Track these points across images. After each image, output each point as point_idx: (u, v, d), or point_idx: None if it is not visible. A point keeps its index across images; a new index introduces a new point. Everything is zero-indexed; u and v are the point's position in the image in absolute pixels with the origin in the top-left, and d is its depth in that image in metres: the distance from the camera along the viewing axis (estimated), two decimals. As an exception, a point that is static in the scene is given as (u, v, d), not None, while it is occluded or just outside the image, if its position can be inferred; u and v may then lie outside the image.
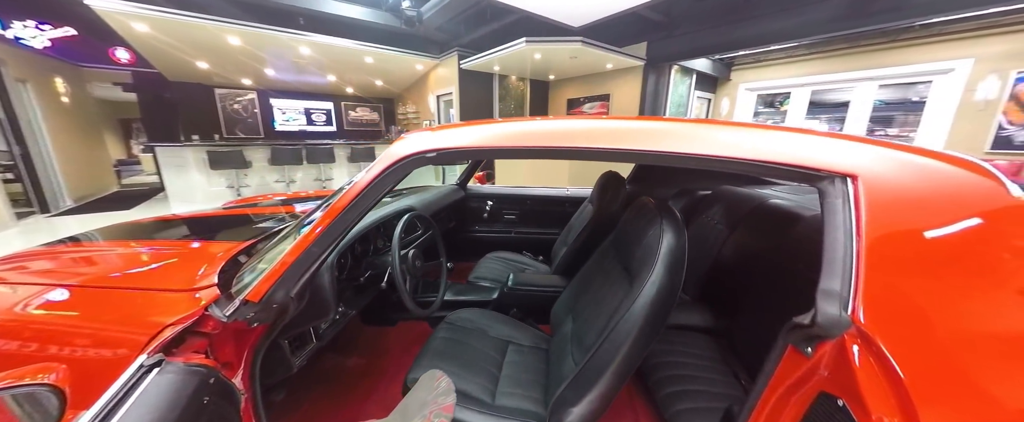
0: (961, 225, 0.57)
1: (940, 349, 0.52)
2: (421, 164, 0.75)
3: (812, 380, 0.61)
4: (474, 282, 1.73)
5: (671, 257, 0.78)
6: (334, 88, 8.26)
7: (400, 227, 1.07)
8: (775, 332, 1.09)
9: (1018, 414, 0.47)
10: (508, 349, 1.24)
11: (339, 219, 0.73)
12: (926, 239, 0.57)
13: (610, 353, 0.77)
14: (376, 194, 0.76)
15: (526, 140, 0.73)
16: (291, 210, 1.63)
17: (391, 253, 1.04)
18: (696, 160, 0.66)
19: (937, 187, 0.60)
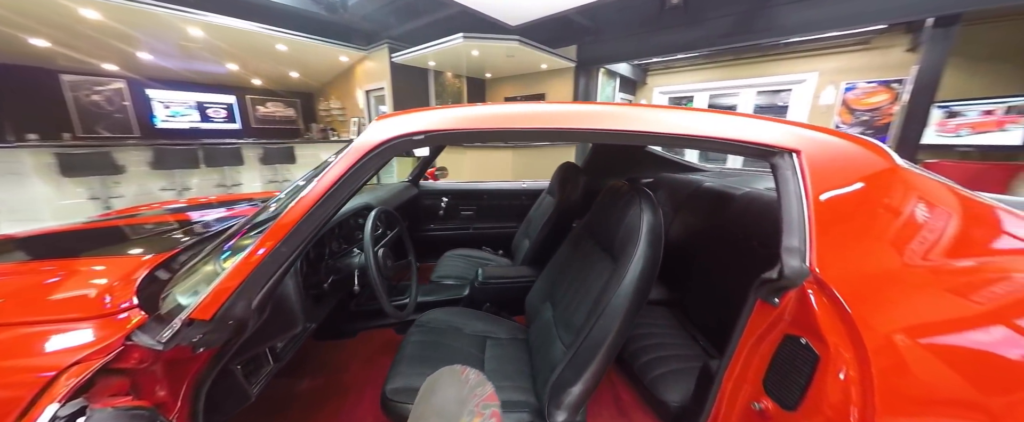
0: (863, 186, 0.72)
1: (866, 285, 0.65)
2: (406, 148, 0.69)
3: (778, 326, 0.72)
4: (438, 281, 1.65)
5: (652, 233, 0.84)
6: (237, 79, 7.11)
7: (371, 222, 0.96)
8: (721, 296, 1.27)
9: (917, 329, 0.61)
10: (486, 344, 1.21)
11: (311, 214, 0.63)
12: (846, 198, 0.71)
13: (604, 330, 0.80)
14: (354, 184, 0.67)
15: (518, 122, 0.72)
16: (184, 217, 1.35)
17: (364, 252, 0.93)
18: (679, 139, 0.73)
19: (851, 159, 0.75)
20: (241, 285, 0.58)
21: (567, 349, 0.90)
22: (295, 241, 0.62)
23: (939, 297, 0.65)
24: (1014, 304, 0.62)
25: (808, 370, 0.66)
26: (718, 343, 1.23)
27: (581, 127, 0.71)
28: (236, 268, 0.59)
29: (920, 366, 0.60)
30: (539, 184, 2.19)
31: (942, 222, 0.72)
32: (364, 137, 0.69)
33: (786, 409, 0.69)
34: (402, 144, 0.68)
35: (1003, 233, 0.75)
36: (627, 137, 0.72)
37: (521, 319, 1.61)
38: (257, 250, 0.60)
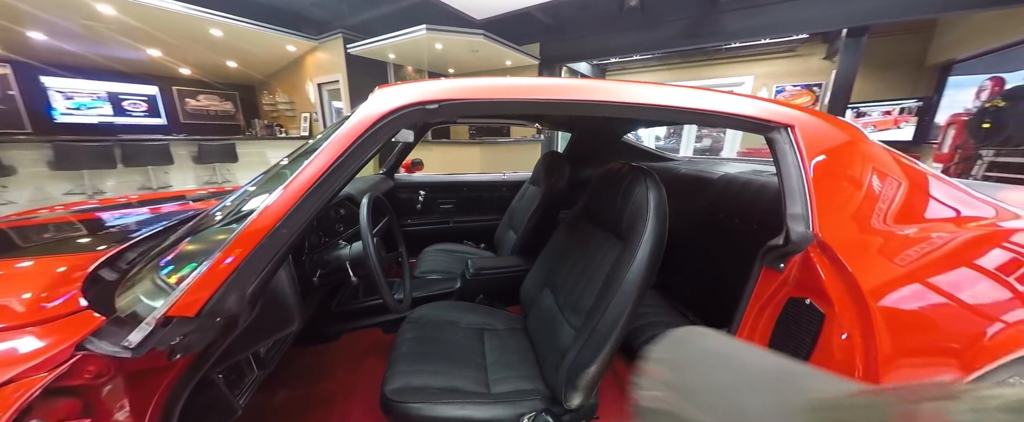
0: (846, 158, 0.79)
1: (856, 246, 0.71)
2: (418, 119, 0.63)
3: (782, 290, 0.76)
4: (424, 277, 1.56)
5: (660, 210, 0.85)
6: (160, 67, 6.25)
7: (367, 208, 0.87)
8: (707, 273, 1.34)
9: (897, 282, 0.68)
10: (484, 336, 1.17)
11: (315, 190, 0.55)
12: (834, 169, 0.77)
13: (619, 308, 0.80)
14: (359, 158, 0.60)
15: (541, 94, 0.69)
16: (91, 216, 1.15)
17: (362, 240, 0.83)
18: (697, 114, 0.74)
19: (833, 134, 0.81)
20: (235, 272, 0.49)
21: (579, 332, 0.88)
22: (296, 221, 0.53)
23: (911, 254, 0.72)
24: (963, 253, 0.72)
25: (814, 328, 0.70)
26: (706, 318, 1.29)
27: (605, 100, 0.70)
28: (228, 252, 0.50)
29: (905, 316, 0.67)
30: (520, 175, 2.17)
31: (909, 189, 0.81)
32: (370, 106, 0.62)
33: (794, 367, 0.73)
34: (414, 113, 0.62)
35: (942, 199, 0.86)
36: (649, 111, 0.72)
37: (515, 309, 1.58)
38: (253, 231, 0.51)
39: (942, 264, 0.69)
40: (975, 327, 0.67)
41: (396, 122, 0.61)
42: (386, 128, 0.61)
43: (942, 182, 0.86)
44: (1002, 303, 0.68)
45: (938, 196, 0.83)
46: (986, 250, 0.73)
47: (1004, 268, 0.70)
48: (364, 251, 0.81)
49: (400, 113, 0.61)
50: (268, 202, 0.53)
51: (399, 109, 0.61)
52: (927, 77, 5.18)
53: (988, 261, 0.71)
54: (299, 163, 0.57)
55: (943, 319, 0.67)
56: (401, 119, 0.61)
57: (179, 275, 0.55)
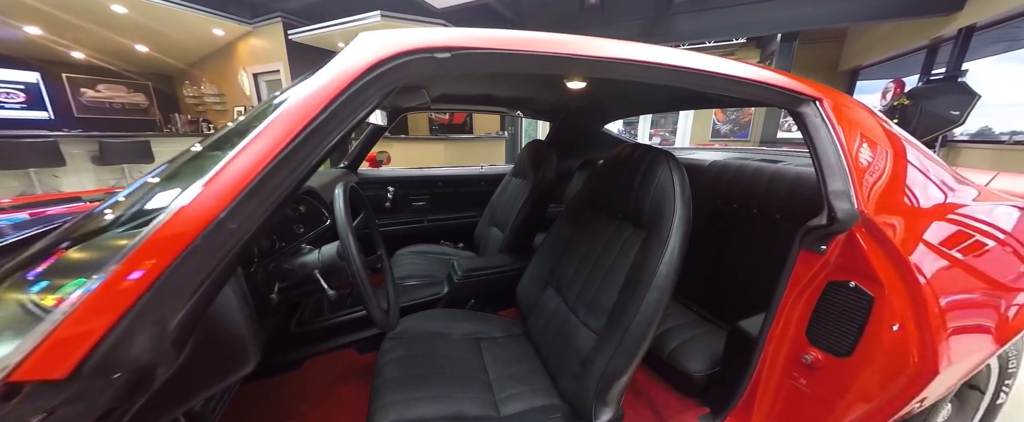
0: (872, 132, 0.77)
1: (899, 223, 0.68)
2: (423, 71, 0.47)
3: (822, 274, 0.71)
4: (401, 283, 1.36)
5: (686, 193, 0.77)
6: (43, 49, 5.14)
7: (343, 198, 0.67)
8: (708, 260, 1.31)
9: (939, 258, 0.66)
10: (481, 346, 1.02)
11: (278, 170, 0.37)
12: (865, 142, 0.74)
13: (653, 305, 0.70)
14: (341, 123, 0.43)
15: (567, 49, 0.56)
16: None
17: (341, 239, 0.63)
18: (727, 80, 0.66)
19: (855, 108, 0.78)
20: (148, 295, 0.30)
21: (603, 335, 0.77)
22: (252, 213, 0.35)
23: (942, 229, 0.71)
24: (995, 231, 0.72)
25: (861, 313, 0.65)
26: (711, 307, 1.26)
27: (641, 60, 0.59)
28: (133, 263, 0.30)
29: (951, 295, 0.64)
30: (499, 168, 2.03)
31: (926, 164, 0.81)
32: (354, 52, 0.45)
33: (839, 356, 0.68)
34: (419, 63, 0.46)
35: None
36: (684, 76, 0.62)
37: (509, 313, 1.44)
38: (179, 231, 0.32)
39: (976, 243, 0.69)
40: (1004, 301, 0.67)
41: (393, 74, 0.45)
42: (379, 83, 0.44)
43: (937, 163, 0.87)
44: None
45: (942, 178, 0.83)
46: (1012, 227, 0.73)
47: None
48: (345, 254, 0.62)
49: (400, 61, 0.44)
50: (201, 189, 0.33)
51: (399, 56, 0.44)
52: (841, 81, 5.92)
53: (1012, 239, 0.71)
54: (244, 135, 0.38)
55: (983, 296, 0.66)
56: (400, 70, 0.45)
57: (59, 295, 0.35)
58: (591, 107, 1.64)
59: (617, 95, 1.39)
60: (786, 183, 1.11)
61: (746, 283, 1.15)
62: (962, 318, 0.64)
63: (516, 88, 1.41)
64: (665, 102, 1.41)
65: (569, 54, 0.54)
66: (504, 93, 1.48)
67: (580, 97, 1.52)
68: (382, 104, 0.47)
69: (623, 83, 1.24)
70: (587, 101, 1.57)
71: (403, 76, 0.45)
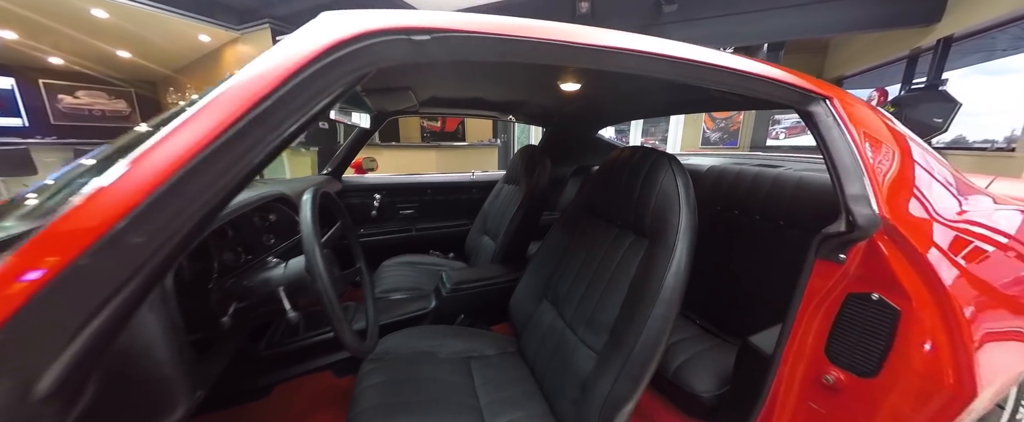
0: (880, 132, 0.72)
1: (921, 229, 0.63)
2: (397, 55, 0.40)
3: (840, 285, 0.65)
4: (385, 297, 1.27)
5: (691, 198, 0.71)
6: (18, 54, 4.97)
7: (311, 204, 0.59)
8: (707, 268, 1.25)
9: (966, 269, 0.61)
10: (471, 366, 0.93)
11: (218, 156, 0.30)
12: (876, 144, 0.69)
13: (661, 322, 0.63)
14: (303, 105, 0.35)
15: (562, 36, 0.50)
16: None
17: (307, 253, 0.55)
18: (733, 75, 0.61)
19: (864, 109, 0.74)
20: (13, 321, 0.22)
21: (605, 355, 0.70)
22: (168, 226, 0.27)
23: (966, 237, 0.66)
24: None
25: (887, 328, 0.59)
26: (715, 319, 1.20)
27: (637, 49, 0.53)
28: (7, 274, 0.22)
29: (982, 307, 0.59)
30: (491, 175, 1.96)
31: (938, 168, 0.77)
32: (311, 32, 0.38)
33: (863, 376, 0.62)
34: (393, 46, 0.39)
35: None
36: (682, 68, 0.57)
37: (502, 328, 1.36)
38: (72, 230, 0.24)
39: (1004, 252, 0.64)
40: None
41: (361, 58, 0.38)
42: (342, 68, 0.37)
43: (946, 167, 0.83)
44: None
45: (955, 182, 0.79)
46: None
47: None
48: (310, 268, 0.54)
49: (369, 43, 0.37)
50: (93, 192, 0.26)
51: (367, 36, 0.37)
52: (826, 90, 6.07)
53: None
54: (175, 120, 0.31)
55: (1015, 309, 0.60)
56: (369, 54, 0.38)
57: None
58: (585, 111, 1.59)
59: (612, 98, 1.34)
60: (789, 188, 1.06)
61: (752, 293, 1.09)
62: (997, 333, 0.58)
63: (508, 90, 1.36)
64: (662, 105, 1.36)
65: (568, 42, 0.48)
66: (495, 96, 1.43)
67: (574, 101, 1.47)
68: (349, 94, 0.40)
69: (619, 85, 1.20)
70: (581, 105, 1.53)
71: (373, 60, 0.39)
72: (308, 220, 0.57)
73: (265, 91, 0.32)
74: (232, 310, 0.59)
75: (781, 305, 0.94)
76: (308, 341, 1.01)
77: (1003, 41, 3.84)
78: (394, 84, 1.03)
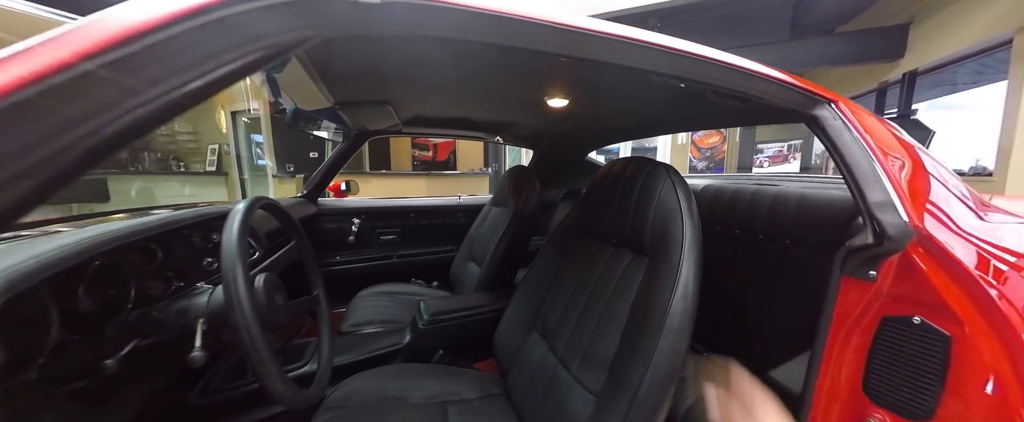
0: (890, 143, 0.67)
1: (957, 241, 0.55)
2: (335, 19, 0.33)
3: (873, 308, 0.56)
4: (355, 332, 1.13)
5: (694, 210, 0.64)
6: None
7: (242, 211, 0.48)
8: (714, 297, 1.15)
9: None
10: (449, 413, 0.79)
11: (45, 99, 0.21)
12: (887, 149, 0.63)
13: (671, 356, 0.53)
14: (200, 63, 0.27)
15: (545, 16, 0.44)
16: None
17: (223, 272, 0.43)
18: (737, 73, 0.55)
19: (865, 114, 0.69)
20: None
21: (603, 399, 0.59)
22: None
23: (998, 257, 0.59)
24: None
25: (937, 358, 0.50)
26: (722, 350, 1.07)
27: (634, 39, 0.47)
28: None
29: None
30: (478, 199, 1.88)
31: (949, 177, 0.71)
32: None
33: (915, 418, 0.51)
34: (325, 8, 0.32)
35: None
36: (683, 62, 0.51)
37: (487, 365, 1.21)
38: None
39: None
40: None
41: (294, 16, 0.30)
42: (269, 22, 0.29)
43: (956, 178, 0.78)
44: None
45: (967, 194, 0.74)
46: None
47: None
48: (227, 292, 0.42)
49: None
50: None
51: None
52: (804, 122, 6.36)
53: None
54: None
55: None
56: (305, 10, 0.30)
57: None
58: (574, 131, 1.56)
59: (602, 116, 1.31)
60: (791, 206, 1.00)
61: (761, 320, 0.99)
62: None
63: (495, 109, 1.32)
64: (654, 122, 1.33)
65: (555, 23, 0.42)
66: (482, 115, 1.39)
67: (563, 120, 1.44)
68: (274, 63, 0.32)
69: (609, 102, 1.17)
70: (570, 125, 1.50)
71: (310, 24, 0.31)
72: (232, 232, 0.46)
73: (128, 33, 0.24)
74: (129, 349, 0.47)
75: (795, 332, 0.84)
76: (254, 385, 0.85)
77: (962, 76, 4.10)
78: (370, 96, 0.97)
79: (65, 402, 0.43)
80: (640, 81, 0.85)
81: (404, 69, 0.79)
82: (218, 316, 0.48)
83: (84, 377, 0.44)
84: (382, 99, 1.01)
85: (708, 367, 0.59)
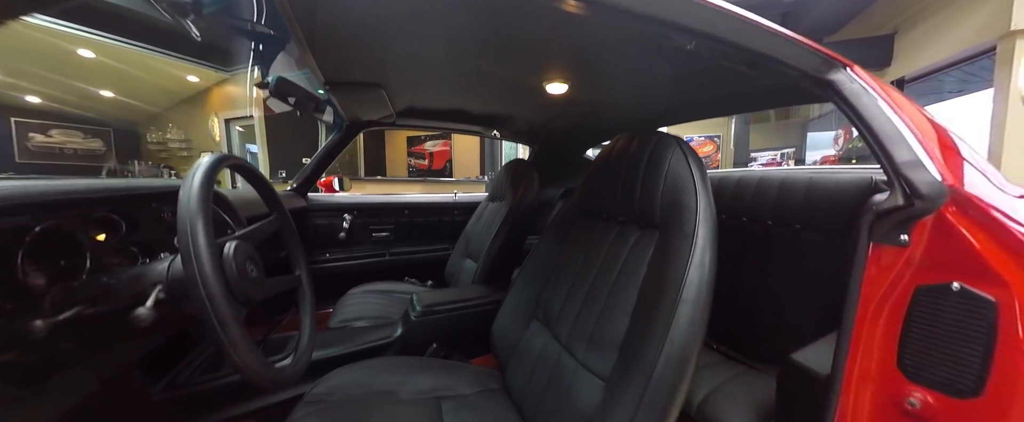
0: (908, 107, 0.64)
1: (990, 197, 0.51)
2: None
3: (905, 276, 0.52)
4: (346, 327, 1.06)
5: (707, 182, 0.60)
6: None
7: (207, 165, 0.42)
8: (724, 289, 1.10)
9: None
10: (442, 409, 0.73)
11: None
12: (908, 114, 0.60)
13: (685, 331, 0.48)
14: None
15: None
16: None
17: (179, 224, 0.37)
18: (759, 31, 0.52)
19: (876, 81, 0.67)
20: None
21: (614, 383, 0.53)
22: None
23: None
24: None
25: (983, 327, 0.45)
26: (734, 343, 1.02)
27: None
28: None
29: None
30: (474, 196, 1.83)
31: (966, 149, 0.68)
32: None
33: (961, 396, 0.46)
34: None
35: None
36: (694, 8, 0.48)
37: (484, 361, 1.13)
38: None
39: None
40: None
41: None
42: None
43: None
44: None
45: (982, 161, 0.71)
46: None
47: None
48: (182, 247, 0.36)
49: None
50: None
51: None
52: (795, 131, 6.46)
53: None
54: None
55: None
56: None
57: None
58: (573, 127, 1.53)
59: (602, 108, 1.28)
60: (800, 189, 0.97)
61: (773, 308, 0.94)
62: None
63: (492, 100, 1.29)
64: (656, 114, 1.30)
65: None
66: (478, 107, 1.36)
67: (562, 115, 1.41)
68: None
69: (610, 91, 1.14)
70: (569, 120, 1.47)
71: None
72: (193, 184, 0.40)
73: None
74: (71, 316, 0.40)
75: (816, 315, 0.79)
76: (228, 380, 0.77)
77: (949, 84, 4.20)
78: (361, 77, 0.94)
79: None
80: (643, 61, 0.82)
81: (395, 42, 0.75)
82: (178, 284, 0.42)
83: (13, 348, 0.37)
84: (374, 81, 0.98)
85: None
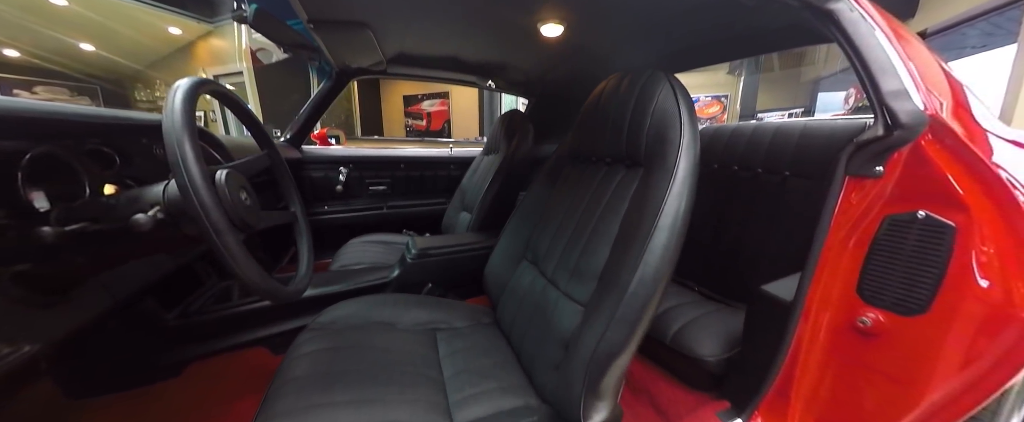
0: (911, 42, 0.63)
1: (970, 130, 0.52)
2: None
3: (875, 207, 0.54)
4: (345, 269, 1.11)
5: (693, 116, 0.60)
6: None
7: (187, 87, 0.42)
8: (702, 236, 1.14)
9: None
10: (437, 339, 0.79)
11: None
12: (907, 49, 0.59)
13: (662, 253, 0.51)
14: None
15: None
16: None
17: (171, 156, 0.37)
18: None
19: (879, 14, 0.64)
20: None
21: (592, 306, 0.57)
22: None
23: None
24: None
25: (939, 251, 0.48)
26: (715, 285, 1.07)
27: None
28: None
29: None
30: (470, 151, 1.83)
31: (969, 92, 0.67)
32: None
33: (909, 313, 0.50)
34: None
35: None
36: None
37: (477, 301, 1.21)
38: None
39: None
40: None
41: None
42: None
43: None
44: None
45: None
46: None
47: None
48: (174, 169, 0.37)
49: None
50: None
51: None
52: (805, 91, 6.23)
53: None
54: None
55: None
56: None
57: None
58: (570, 79, 1.49)
59: (600, 57, 1.24)
60: (793, 137, 0.96)
61: (756, 253, 0.98)
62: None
63: (486, 46, 1.24)
64: (658, 58, 1.25)
65: None
66: (472, 55, 1.31)
67: (559, 64, 1.36)
68: None
69: (607, 35, 1.09)
70: (566, 71, 1.42)
71: None
72: (175, 105, 0.40)
73: None
74: (76, 230, 0.43)
75: (791, 255, 0.83)
76: (240, 309, 0.83)
77: (972, 38, 3.97)
78: (347, 16, 0.89)
79: (8, 283, 0.40)
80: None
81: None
82: (176, 206, 0.44)
83: (27, 257, 0.41)
84: (360, 20, 0.93)
85: None
